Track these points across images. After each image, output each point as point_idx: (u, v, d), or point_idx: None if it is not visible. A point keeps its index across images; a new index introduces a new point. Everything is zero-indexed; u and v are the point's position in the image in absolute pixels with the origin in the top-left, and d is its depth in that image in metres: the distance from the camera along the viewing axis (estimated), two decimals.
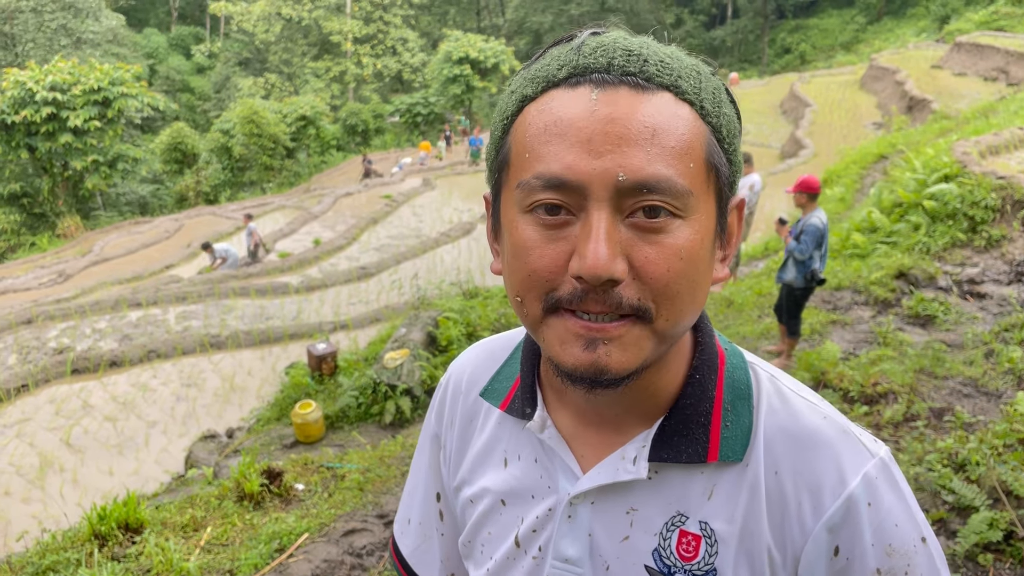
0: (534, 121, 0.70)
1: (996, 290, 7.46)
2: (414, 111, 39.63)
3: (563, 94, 0.69)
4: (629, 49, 0.69)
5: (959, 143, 10.62)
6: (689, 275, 0.69)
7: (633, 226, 0.67)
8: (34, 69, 27.11)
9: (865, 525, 0.75)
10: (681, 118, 0.68)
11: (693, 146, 0.68)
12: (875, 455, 0.77)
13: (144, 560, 3.94)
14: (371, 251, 16.27)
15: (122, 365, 9.96)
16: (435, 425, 1.01)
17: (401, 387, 7.09)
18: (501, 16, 61.98)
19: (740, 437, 0.78)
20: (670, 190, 0.66)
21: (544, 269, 0.69)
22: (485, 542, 0.91)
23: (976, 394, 5.27)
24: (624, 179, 0.65)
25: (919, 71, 24.57)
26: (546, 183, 0.67)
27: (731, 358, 0.84)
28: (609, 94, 0.67)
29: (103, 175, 28.03)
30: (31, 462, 7.72)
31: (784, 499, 0.76)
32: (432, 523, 1.04)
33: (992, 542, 3.46)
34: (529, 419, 0.85)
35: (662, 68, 0.69)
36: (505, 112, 0.75)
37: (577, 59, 0.70)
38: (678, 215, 0.68)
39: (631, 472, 0.79)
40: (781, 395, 0.82)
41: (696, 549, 0.78)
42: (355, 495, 4.75)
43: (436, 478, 1.02)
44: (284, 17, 50.85)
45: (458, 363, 1.01)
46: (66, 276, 17.16)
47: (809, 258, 5.93)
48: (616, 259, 0.66)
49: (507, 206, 0.74)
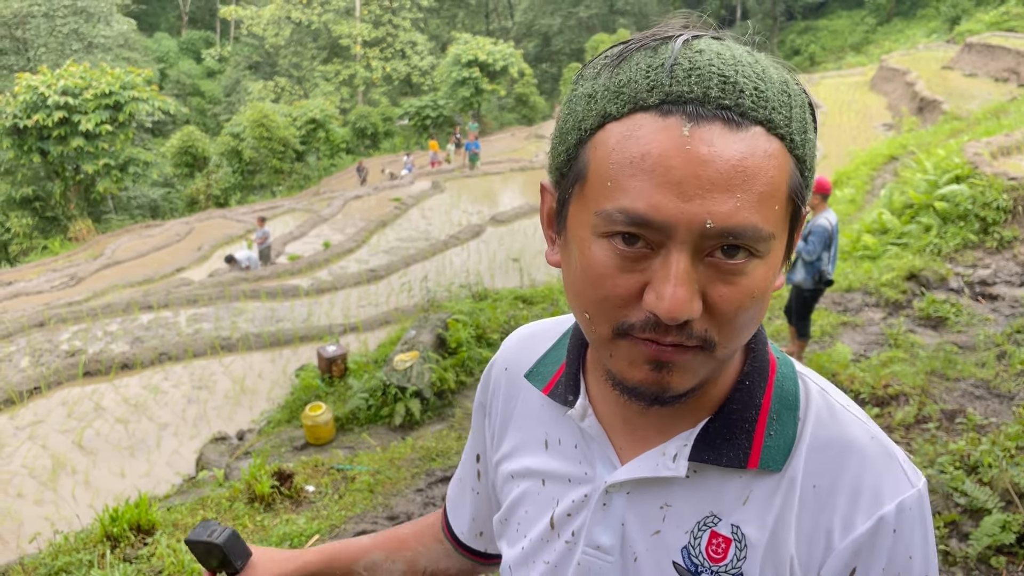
0: (619, 148, 0.66)
1: (1008, 291, 7.41)
2: (423, 114, 39.68)
3: (652, 122, 0.65)
4: (724, 75, 0.65)
5: (970, 144, 10.57)
6: (757, 312, 0.70)
7: (711, 265, 0.66)
8: (46, 73, 27.29)
9: (884, 551, 0.75)
10: (771, 156, 0.66)
11: (779, 187, 0.67)
12: (914, 486, 0.77)
13: (156, 562, 3.96)
14: (380, 253, 16.31)
15: (133, 367, 10.01)
16: (481, 396, 1.05)
17: (411, 389, 7.10)
18: (510, 19, 62.03)
19: (783, 447, 0.78)
20: (754, 236, 0.65)
21: (618, 298, 0.68)
22: (521, 520, 0.92)
23: (988, 396, 5.24)
24: (712, 227, 0.64)
25: (929, 72, 24.46)
26: (629, 220, 0.65)
27: (782, 367, 0.84)
28: (704, 131, 0.64)
29: (114, 179, 28.18)
30: (44, 464, 7.77)
31: (817, 513, 0.76)
32: (470, 480, 1.10)
33: (1005, 544, 3.44)
34: (571, 406, 0.86)
35: (757, 100, 0.66)
36: (583, 122, 0.70)
37: (670, 84, 0.65)
38: (757, 256, 0.67)
39: (671, 469, 0.79)
40: (830, 409, 0.81)
41: (725, 551, 0.78)
42: (365, 497, 4.76)
43: (479, 440, 1.07)
44: (294, 21, 51.03)
45: (505, 346, 1.04)
46: (78, 279, 17.26)
47: (817, 259, 5.92)
48: (694, 300, 0.65)
49: (578, 222, 0.71)
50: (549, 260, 0.81)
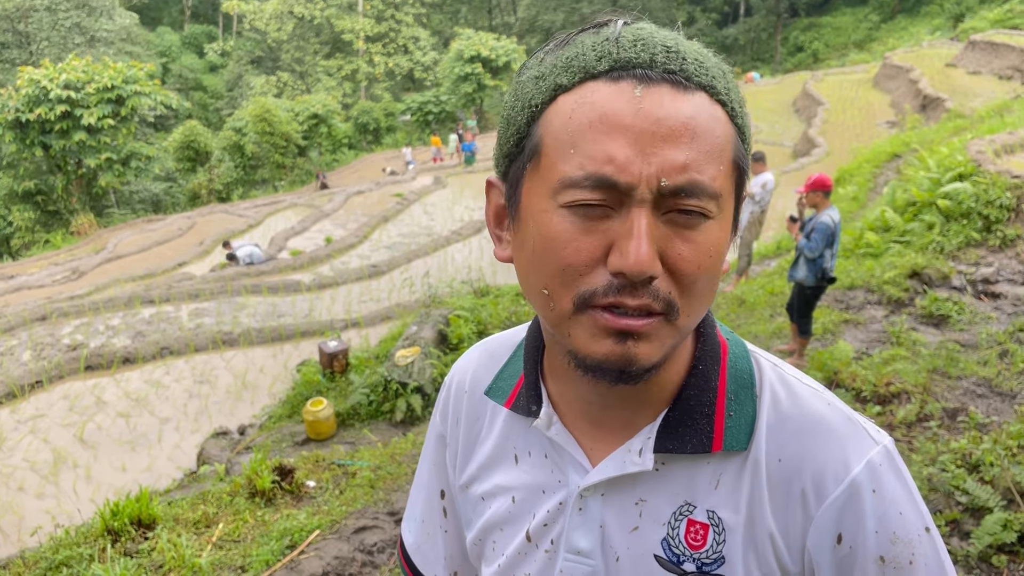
0: (575, 115, 0.68)
1: (1011, 290, 7.40)
2: (425, 110, 39.68)
3: (604, 87, 0.68)
4: (667, 45, 0.69)
5: (974, 142, 10.55)
6: (713, 272, 0.71)
7: (670, 223, 0.68)
8: (48, 67, 27.31)
9: (868, 512, 0.75)
10: (717, 120, 0.69)
11: (725, 149, 0.70)
12: (879, 443, 0.78)
13: (156, 556, 3.97)
14: (382, 249, 16.30)
15: (135, 362, 10.02)
16: (440, 425, 1.01)
17: (412, 385, 7.10)
18: (513, 14, 61.94)
19: (744, 426, 0.79)
20: (706, 194, 0.67)
21: (580, 263, 0.68)
22: (497, 539, 0.91)
23: (990, 394, 5.23)
24: (667, 184, 0.66)
25: (933, 69, 24.40)
26: (594, 181, 0.67)
27: (733, 347, 0.84)
28: (653, 92, 0.67)
29: (116, 173, 28.21)
30: (45, 458, 7.78)
31: (787, 485, 0.77)
32: (436, 520, 1.04)
33: (1006, 543, 3.44)
34: (535, 416, 0.86)
35: (699, 67, 0.69)
36: (532, 100, 0.72)
37: (617, 52, 0.69)
38: (709, 216, 0.69)
39: (637, 464, 0.79)
40: (785, 383, 0.82)
41: (704, 537, 0.79)
42: (366, 492, 4.76)
43: (441, 476, 1.02)
44: (296, 16, 51.01)
45: (461, 363, 1.02)
46: (80, 273, 17.28)
47: (820, 256, 5.91)
48: (656, 257, 0.67)
49: (534, 196, 0.72)
50: (499, 256, 0.81)
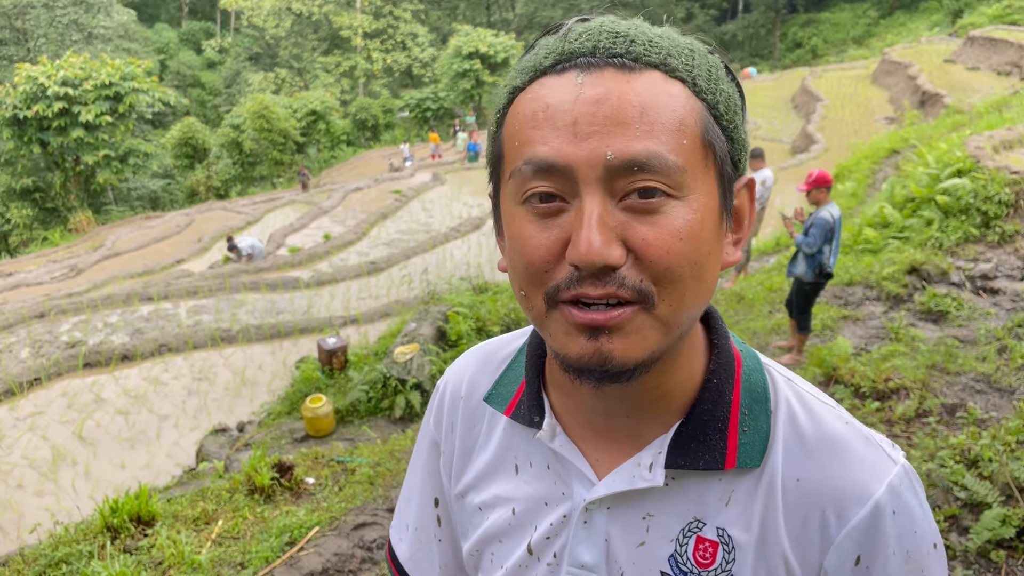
0: (523, 110, 0.69)
1: (1009, 286, 7.40)
2: (424, 106, 39.66)
3: (550, 81, 0.68)
4: (615, 31, 0.69)
5: (972, 138, 10.54)
6: (691, 257, 0.67)
7: (628, 208, 0.65)
8: (46, 64, 27.26)
9: (889, 534, 0.73)
10: (672, 95, 0.67)
11: (686, 123, 0.67)
12: (897, 462, 0.76)
13: (156, 553, 3.97)
14: (381, 246, 16.30)
15: (134, 359, 10.01)
16: (433, 431, 0.98)
17: (411, 381, 7.10)
18: (511, 11, 61.86)
19: (758, 443, 0.76)
20: (662, 167, 0.64)
21: (540, 259, 0.67)
22: (495, 551, 0.88)
23: (989, 390, 5.24)
24: (612, 158, 0.64)
25: (932, 65, 24.38)
26: (536, 168, 0.66)
27: (747, 360, 0.82)
28: (595, 76, 0.66)
29: (114, 170, 28.18)
30: (44, 455, 7.78)
31: (806, 507, 0.74)
32: (430, 529, 1.00)
33: (1005, 539, 3.44)
34: (538, 427, 0.83)
35: (650, 47, 0.68)
36: (497, 106, 0.75)
37: (563, 45, 0.69)
38: (673, 195, 0.66)
39: (647, 480, 0.77)
40: (801, 399, 0.79)
41: (713, 556, 0.77)
42: (365, 489, 4.76)
43: (434, 483, 0.99)
44: (294, 12, 50.92)
45: (455, 367, 0.98)
46: (78, 270, 17.27)
47: (818, 252, 5.91)
48: (611, 244, 0.64)
49: (505, 200, 0.72)
50: (500, 268, 0.80)
